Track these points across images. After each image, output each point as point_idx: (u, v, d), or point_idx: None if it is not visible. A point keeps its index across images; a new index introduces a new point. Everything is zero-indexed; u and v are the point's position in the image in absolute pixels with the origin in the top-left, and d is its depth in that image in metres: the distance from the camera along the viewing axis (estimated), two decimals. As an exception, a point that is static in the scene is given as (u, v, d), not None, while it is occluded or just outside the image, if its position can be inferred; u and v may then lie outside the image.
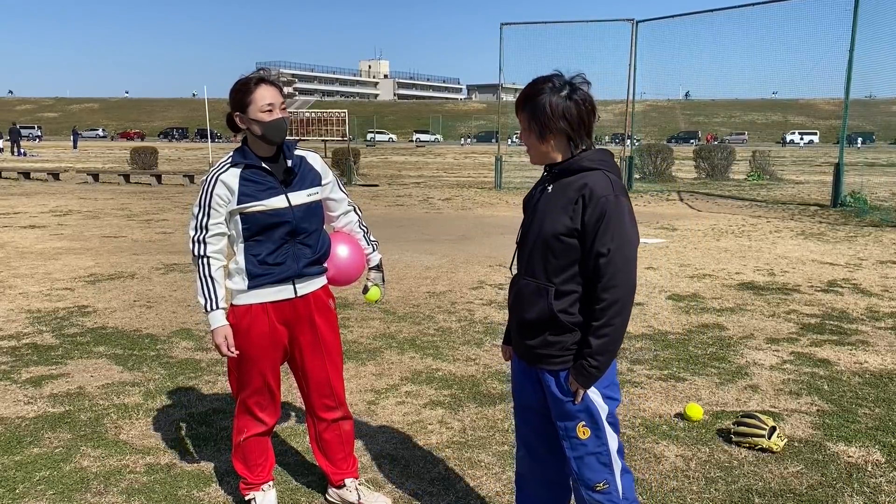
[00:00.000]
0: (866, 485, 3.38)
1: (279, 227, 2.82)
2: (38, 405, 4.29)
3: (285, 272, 2.85)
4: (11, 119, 68.69)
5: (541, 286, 2.32)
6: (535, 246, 2.33)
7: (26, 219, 13.13)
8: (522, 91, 2.32)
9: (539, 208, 2.35)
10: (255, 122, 2.76)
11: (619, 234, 2.20)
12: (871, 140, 69.62)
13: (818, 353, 5.36)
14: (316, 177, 2.97)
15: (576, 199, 2.23)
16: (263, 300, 2.86)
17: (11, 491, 3.28)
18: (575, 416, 2.35)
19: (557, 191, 2.31)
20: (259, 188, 2.80)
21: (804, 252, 9.84)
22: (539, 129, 2.28)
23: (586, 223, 2.21)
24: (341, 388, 3.13)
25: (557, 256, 2.28)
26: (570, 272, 2.28)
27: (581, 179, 2.26)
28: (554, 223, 2.26)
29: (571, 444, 2.37)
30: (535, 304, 2.33)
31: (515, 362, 2.55)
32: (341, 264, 3.08)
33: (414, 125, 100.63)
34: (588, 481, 2.37)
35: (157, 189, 20.05)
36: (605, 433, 2.36)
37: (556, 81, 2.27)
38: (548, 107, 2.25)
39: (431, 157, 45.28)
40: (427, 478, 3.45)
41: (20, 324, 6.05)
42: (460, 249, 9.96)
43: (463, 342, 5.61)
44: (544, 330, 2.33)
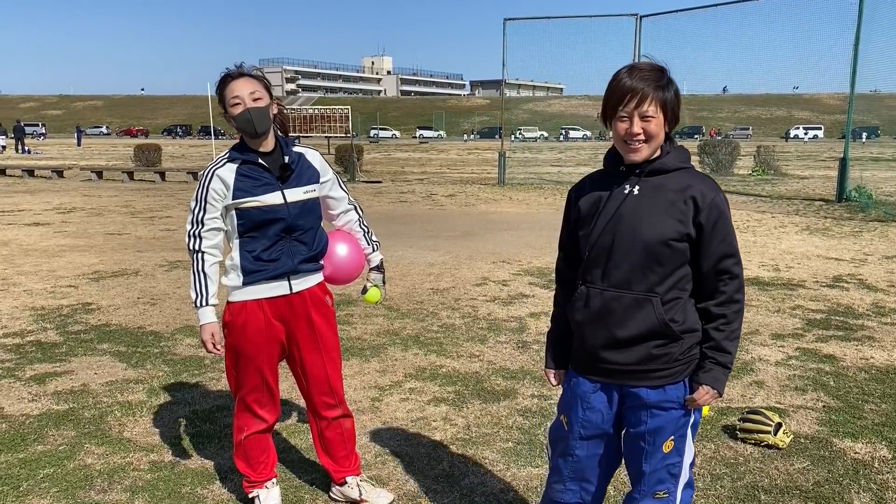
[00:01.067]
0: (873, 481, 3.36)
1: (274, 224, 2.81)
2: (42, 402, 4.29)
3: (280, 269, 2.84)
4: (15, 116, 68.84)
5: (641, 297, 2.12)
6: (630, 254, 2.11)
7: (30, 216, 13.15)
8: (653, 70, 2.08)
9: (626, 212, 2.12)
10: (230, 118, 2.79)
11: (734, 233, 2.15)
12: (876, 134, 69.38)
13: (824, 348, 5.34)
14: (314, 174, 2.95)
15: (683, 201, 2.09)
16: (258, 296, 2.86)
17: (16, 489, 3.28)
18: (668, 432, 2.20)
19: (649, 193, 2.12)
20: (255, 184, 2.79)
21: (809, 247, 9.80)
22: (669, 119, 2.10)
23: (703, 226, 2.09)
24: (340, 386, 3.12)
25: (664, 264, 2.10)
26: (673, 279, 2.13)
27: (678, 180, 2.12)
28: (660, 228, 2.08)
29: (650, 459, 2.23)
30: (636, 317, 2.12)
31: (581, 386, 2.28)
32: (339, 263, 3.05)
33: (417, 121, 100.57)
34: (651, 486, 2.25)
35: (160, 186, 20.07)
36: (686, 446, 2.25)
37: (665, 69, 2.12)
38: (672, 96, 2.09)
39: (435, 154, 45.25)
40: (431, 475, 3.44)
41: (24, 321, 6.06)
42: (464, 246, 9.95)
43: (467, 339, 5.60)
44: (648, 344, 2.14)
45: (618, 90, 2.08)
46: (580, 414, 2.27)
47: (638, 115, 2.06)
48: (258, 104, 2.75)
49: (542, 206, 15.29)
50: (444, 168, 29.87)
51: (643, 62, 2.13)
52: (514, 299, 6.88)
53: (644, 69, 2.08)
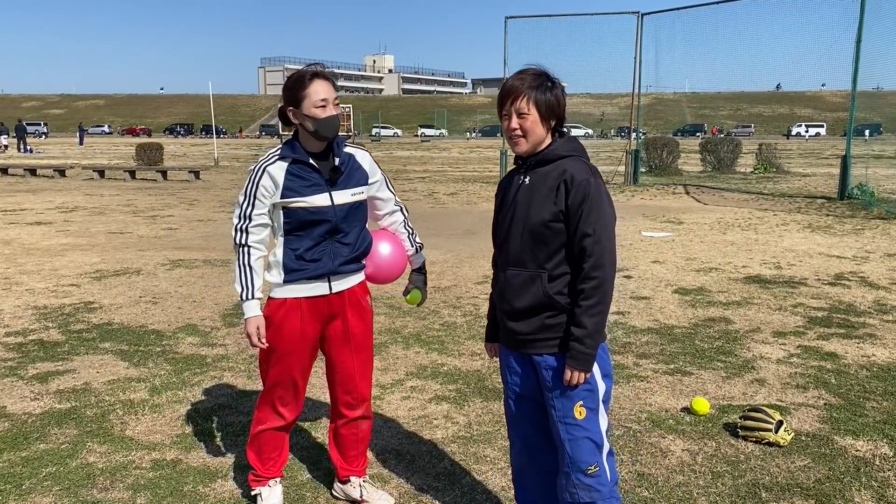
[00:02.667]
0: (874, 479, 3.36)
1: (319, 225, 2.81)
2: (44, 401, 4.30)
3: (320, 269, 2.84)
4: (17, 116, 68.91)
5: (532, 274, 2.39)
6: (522, 236, 2.39)
7: (32, 215, 13.17)
8: (520, 77, 2.36)
9: (519, 200, 2.42)
10: (308, 118, 2.74)
11: (601, 214, 2.31)
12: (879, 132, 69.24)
13: (825, 346, 5.33)
14: (363, 176, 2.93)
15: (557, 185, 2.33)
16: (298, 295, 2.86)
17: (18, 487, 3.29)
18: (575, 397, 2.38)
19: (536, 181, 2.39)
20: (304, 184, 2.79)
21: (811, 245, 9.79)
22: (544, 115, 2.35)
23: (570, 206, 2.31)
24: (366, 387, 3.09)
25: (547, 243, 2.35)
26: (559, 256, 2.37)
27: (559, 167, 2.36)
28: (540, 211, 2.34)
29: (566, 427, 2.40)
30: (528, 291, 2.39)
31: (505, 355, 2.58)
32: (381, 262, 3.04)
33: (419, 120, 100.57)
34: (581, 464, 2.39)
35: (162, 185, 20.08)
36: (599, 413, 2.42)
37: (546, 73, 2.38)
38: (553, 95, 2.35)
39: (436, 152, 45.23)
40: (433, 472, 3.45)
41: (26, 320, 6.07)
42: (465, 244, 9.95)
43: (468, 337, 5.60)
44: (541, 315, 2.39)
45: (501, 91, 2.40)
46: (508, 378, 2.59)
47: (515, 112, 2.35)
48: (337, 111, 2.78)
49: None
50: (445, 166, 29.86)
51: (527, 67, 2.39)
52: (515, 297, 6.87)
53: (525, 73, 2.37)
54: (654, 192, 17.79)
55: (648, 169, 23.19)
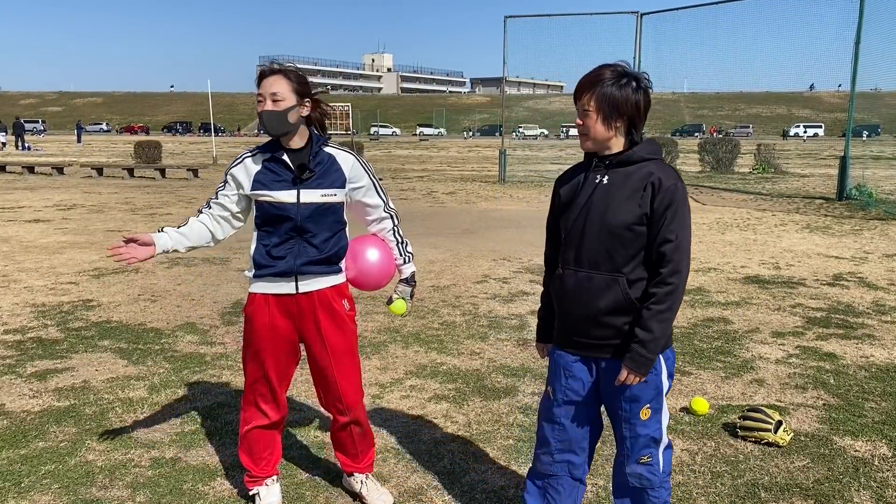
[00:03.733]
0: (873, 479, 3.36)
1: (284, 222, 2.82)
2: (43, 399, 4.30)
3: (282, 267, 2.85)
4: (15, 113, 68.79)
5: (609, 277, 2.31)
6: (599, 237, 2.31)
7: (31, 213, 13.15)
8: (591, 75, 2.30)
9: (596, 199, 2.33)
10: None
11: (684, 221, 2.28)
12: (877, 133, 69.34)
13: (824, 346, 5.34)
14: (339, 178, 2.88)
15: (643, 187, 2.27)
16: (265, 291, 2.90)
17: (17, 485, 3.28)
18: (643, 399, 2.37)
19: (617, 181, 2.31)
20: (273, 178, 2.82)
21: (810, 245, 9.80)
22: (607, 113, 2.28)
23: (655, 210, 2.26)
24: (351, 393, 3.03)
25: (626, 246, 2.29)
26: (637, 260, 2.31)
27: (643, 168, 2.30)
28: (623, 213, 2.27)
29: (630, 426, 2.41)
30: (605, 295, 2.32)
31: (563, 358, 2.48)
32: (365, 267, 3.00)
33: (417, 119, 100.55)
34: (636, 454, 2.43)
35: (161, 183, 20.06)
36: (662, 411, 2.42)
37: (625, 70, 2.29)
38: (621, 94, 2.27)
39: (435, 151, 45.21)
40: (432, 471, 3.45)
41: (25, 318, 6.06)
42: (464, 243, 9.95)
43: (467, 336, 5.60)
44: (618, 319, 2.33)
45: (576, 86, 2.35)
46: (563, 382, 2.49)
47: (580, 110, 2.32)
48: (276, 107, 2.75)
49: (543, 203, 15.29)
50: (444, 166, 29.85)
51: (608, 64, 2.32)
52: (514, 297, 6.88)
53: (600, 69, 2.30)
54: (653, 192, 17.76)
55: (647, 169, 23.13)
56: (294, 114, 2.79)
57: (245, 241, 10.11)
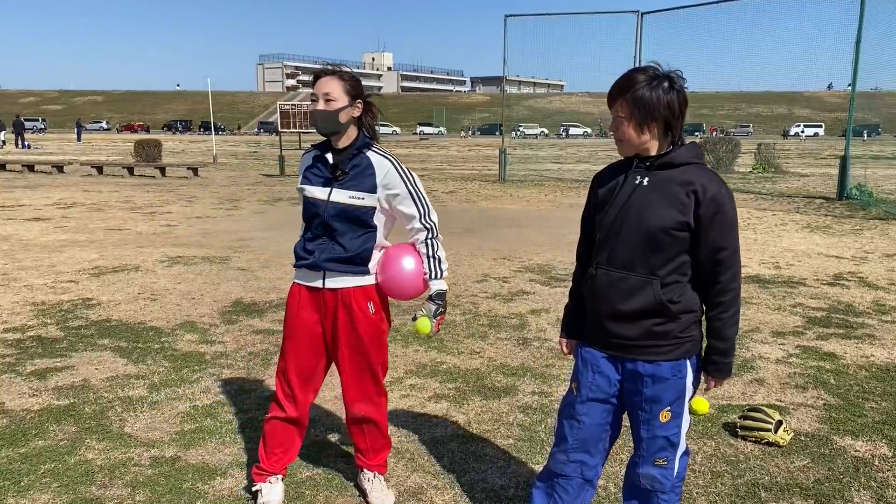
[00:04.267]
0: (873, 479, 3.36)
1: (315, 217, 2.93)
2: (42, 398, 4.29)
3: (309, 260, 2.95)
4: (15, 111, 68.77)
5: (643, 279, 2.30)
6: (635, 239, 2.29)
7: (31, 211, 13.14)
8: (621, 80, 2.28)
9: (635, 201, 2.30)
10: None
11: (735, 226, 2.28)
12: (877, 132, 69.30)
13: (824, 346, 5.34)
14: (369, 184, 2.87)
15: (686, 194, 2.24)
16: (300, 282, 3.03)
17: (17, 483, 3.28)
18: (666, 402, 2.37)
19: (657, 184, 2.29)
20: (315, 174, 2.95)
21: (810, 245, 9.80)
22: (641, 118, 2.26)
23: (702, 218, 2.23)
24: (366, 388, 3.05)
25: (664, 249, 2.27)
26: (673, 264, 2.29)
27: (685, 174, 2.27)
28: (661, 217, 2.25)
29: (649, 427, 2.41)
30: (638, 296, 2.31)
31: (591, 354, 2.47)
32: (391, 275, 2.95)
33: (418, 118, 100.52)
34: (652, 454, 2.43)
35: (161, 181, 20.05)
36: (683, 416, 2.42)
37: (656, 72, 2.26)
38: (653, 97, 2.23)
39: (435, 150, 45.21)
40: (432, 471, 3.44)
41: (25, 316, 6.06)
42: (464, 243, 9.94)
43: (467, 335, 5.60)
44: (648, 321, 2.32)
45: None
46: (589, 378, 2.47)
47: (613, 117, 2.32)
48: (328, 107, 2.83)
49: (543, 202, 15.29)
50: (444, 165, 29.85)
51: (642, 66, 2.30)
52: (514, 296, 6.88)
53: (633, 72, 2.27)
54: (653, 192, 17.77)
55: (647, 168, 23.15)
56: (345, 114, 2.85)
57: (246, 240, 10.10)
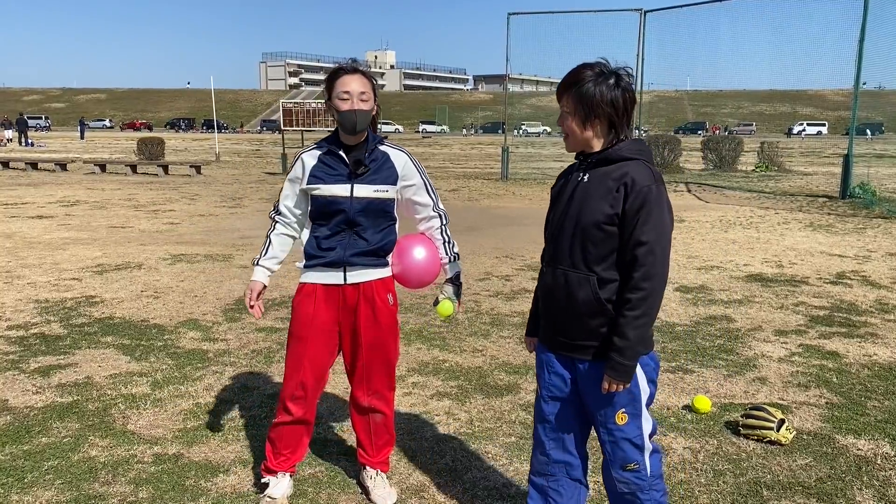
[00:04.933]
0: (875, 478, 3.36)
1: (337, 215, 2.90)
2: (46, 395, 4.31)
3: (331, 257, 2.93)
4: (19, 109, 68.86)
5: (582, 276, 2.30)
6: (574, 235, 2.31)
7: (34, 209, 13.17)
8: (568, 75, 2.30)
9: (576, 197, 2.33)
10: (334, 109, 2.88)
11: (659, 224, 2.23)
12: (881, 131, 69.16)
13: (827, 345, 5.33)
14: (391, 176, 2.95)
15: (616, 188, 2.24)
16: (314, 281, 2.98)
17: (20, 480, 3.29)
18: (618, 404, 2.34)
19: (595, 180, 2.31)
20: (329, 172, 2.91)
21: (813, 244, 9.79)
22: (585, 114, 2.27)
23: (627, 211, 2.23)
24: (381, 383, 3.09)
25: (597, 245, 2.27)
26: (610, 260, 2.29)
27: (621, 169, 2.27)
28: (594, 212, 2.26)
29: (608, 431, 2.38)
30: (578, 293, 2.31)
31: (546, 354, 2.50)
32: (410, 264, 3.01)
33: (420, 116, 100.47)
34: (620, 461, 2.40)
35: (163, 179, 20.07)
36: (642, 418, 2.38)
37: (603, 69, 2.27)
38: (596, 93, 2.24)
39: (438, 148, 45.20)
40: (434, 469, 3.45)
41: (28, 314, 6.07)
42: (467, 241, 9.94)
43: (469, 333, 5.60)
44: (590, 320, 2.31)
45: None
46: (546, 378, 2.51)
47: (561, 111, 2.33)
48: (364, 106, 2.84)
49: (545, 201, 15.24)
50: (447, 163, 29.84)
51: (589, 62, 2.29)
52: (517, 294, 6.88)
53: (580, 67, 2.28)
54: (656, 190, 17.75)
55: (650, 166, 23.13)
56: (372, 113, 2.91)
57: (249, 238, 10.11)
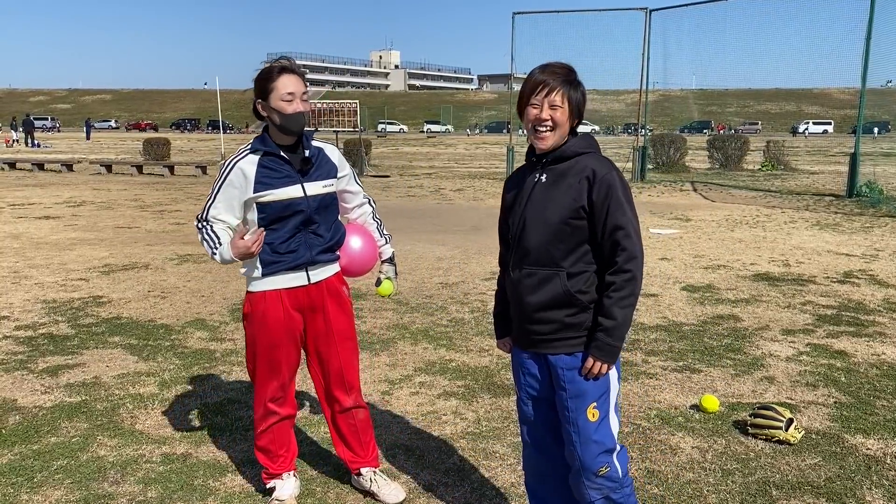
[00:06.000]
0: (885, 477, 3.35)
1: (293, 217, 2.85)
2: (54, 395, 4.32)
3: (298, 259, 2.88)
4: (25, 110, 69.09)
5: (550, 272, 2.34)
6: (540, 235, 2.34)
7: (41, 209, 13.21)
8: (563, 69, 2.33)
9: (535, 198, 2.37)
10: (275, 111, 2.78)
11: (629, 207, 2.31)
12: (887, 129, 68.81)
13: (835, 344, 5.31)
14: (332, 169, 2.99)
15: (579, 181, 2.30)
16: (277, 287, 2.89)
17: (30, 480, 3.30)
18: (589, 398, 2.35)
19: (554, 178, 2.36)
20: (276, 176, 2.82)
21: (819, 243, 9.75)
22: (575, 113, 2.34)
23: (594, 201, 2.28)
24: (354, 376, 3.12)
25: (565, 240, 2.32)
26: (577, 253, 2.33)
27: (578, 163, 2.34)
28: (560, 209, 2.31)
29: (578, 429, 2.37)
30: (545, 289, 2.35)
31: (519, 355, 2.54)
32: (353, 254, 3.09)
33: (425, 115, 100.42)
34: (591, 467, 2.38)
35: (169, 180, 20.12)
36: (610, 416, 2.40)
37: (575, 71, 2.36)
38: (584, 94, 2.34)
39: (443, 148, 45.20)
40: (442, 468, 3.45)
41: (36, 314, 6.09)
42: (472, 240, 9.94)
43: (476, 333, 5.60)
44: (560, 313, 2.35)
45: (531, 82, 2.33)
46: (522, 380, 2.53)
47: (547, 104, 2.30)
48: (306, 106, 2.81)
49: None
50: (451, 162, 29.84)
51: (556, 63, 2.35)
52: (523, 294, 6.86)
53: (555, 67, 2.33)
54: (662, 189, 17.75)
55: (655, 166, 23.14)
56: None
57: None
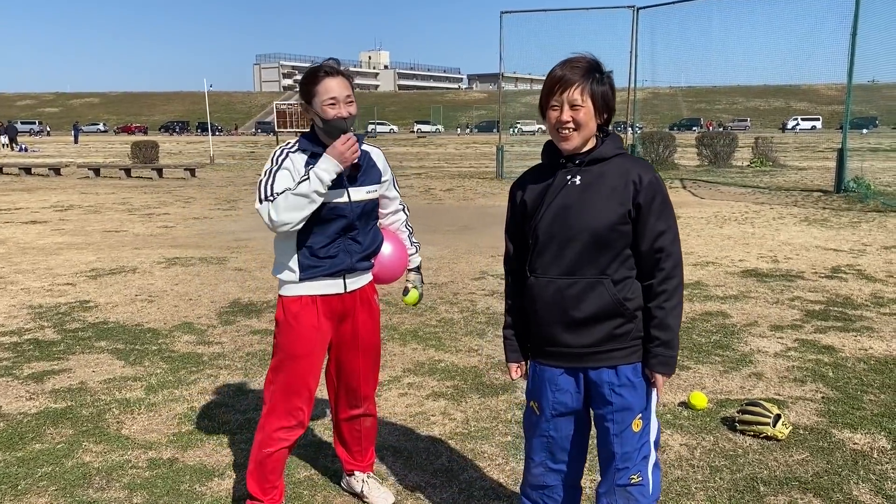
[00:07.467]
0: (872, 472, 3.35)
1: (335, 221, 2.74)
2: (39, 400, 4.28)
3: (337, 266, 2.78)
4: (12, 115, 68.71)
5: (593, 280, 2.18)
6: (579, 241, 2.17)
7: (27, 214, 13.12)
8: (583, 63, 2.16)
9: (570, 202, 2.18)
10: (317, 115, 2.69)
11: (671, 212, 2.22)
12: (874, 125, 69.25)
13: (823, 339, 5.33)
14: (377, 174, 2.89)
15: (623, 185, 2.16)
16: (313, 293, 2.78)
17: (14, 487, 3.27)
18: (636, 409, 2.25)
19: (592, 181, 2.19)
20: None
21: (808, 238, 9.80)
22: (602, 109, 2.18)
23: (642, 205, 2.16)
24: (370, 387, 3.06)
25: (611, 246, 2.17)
26: (620, 259, 2.19)
27: (618, 166, 2.20)
28: (604, 214, 2.15)
29: (622, 440, 2.26)
30: (590, 299, 2.18)
31: (547, 372, 2.31)
32: (386, 262, 3.00)
33: (415, 115, 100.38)
34: (626, 473, 2.28)
35: (158, 183, 20.02)
36: (652, 422, 2.31)
37: (597, 62, 2.19)
38: (612, 87, 2.18)
39: (433, 148, 45.20)
40: (430, 469, 3.44)
41: (22, 319, 6.04)
42: (462, 240, 9.93)
43: (465, 333, 5.59)
44: (608, 325, 2.20)
45: (549, 81, 2.18)
46: (550, 397, 2.32)
47: (567, 104, 2.14)
48: (352, 109, 2.70)
49: (541, 199, 15.24)
50: (441, 162, 29.84)
51: (578, 55, 2.19)
52: (512, 293, 6.86)
53: (576, 62, 2.17)
54: (651, 187, 17.76)
55: (645, 163, 23.14)
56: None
57: (243, 240, 10.08)
